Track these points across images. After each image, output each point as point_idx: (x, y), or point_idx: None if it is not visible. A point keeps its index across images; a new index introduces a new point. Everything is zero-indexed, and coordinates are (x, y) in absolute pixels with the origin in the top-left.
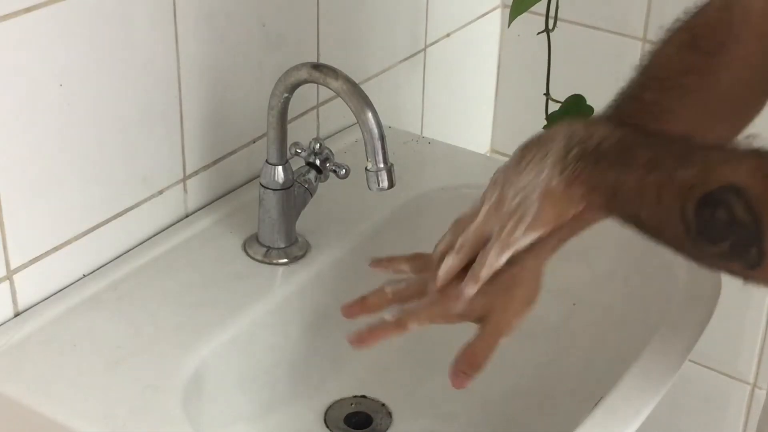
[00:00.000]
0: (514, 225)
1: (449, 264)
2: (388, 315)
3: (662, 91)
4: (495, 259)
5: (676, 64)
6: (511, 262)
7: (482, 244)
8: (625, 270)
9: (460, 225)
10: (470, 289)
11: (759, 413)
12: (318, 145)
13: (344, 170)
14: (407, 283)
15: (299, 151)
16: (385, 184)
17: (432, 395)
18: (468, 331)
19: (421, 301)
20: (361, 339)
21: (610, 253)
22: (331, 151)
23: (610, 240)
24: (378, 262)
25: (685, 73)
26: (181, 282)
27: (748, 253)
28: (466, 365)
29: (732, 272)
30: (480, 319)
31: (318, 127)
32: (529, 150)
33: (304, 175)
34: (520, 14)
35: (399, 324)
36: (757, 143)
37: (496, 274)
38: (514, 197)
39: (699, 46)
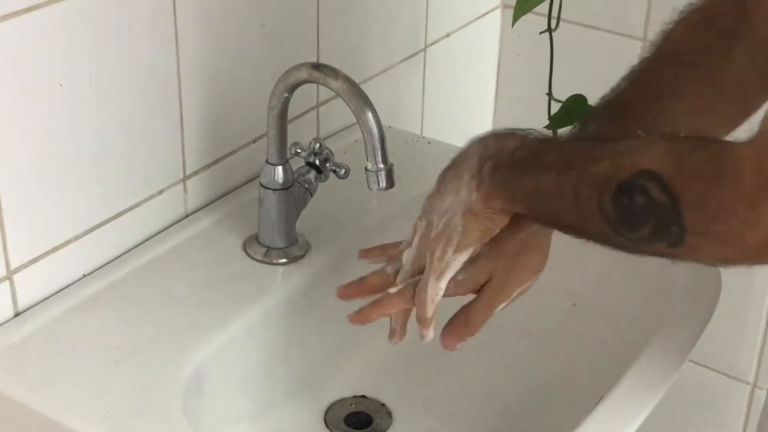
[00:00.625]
0: (443, 249)
1: (393, 303)
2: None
3: (679, 66)
4: (434, 291)
5: (691, 42)
6: (518, 229)
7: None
8: (624, 270)
9: (393, 253)
10: (429, 334)
11: (759, 413)
12: (318, 145)
13: (344, 170)
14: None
15: (299, 151)
16: (385, 184)
17: (432, 395)
18: None
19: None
20: (362, 314)
21: (610, 252)
22: (331, 151)
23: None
24: (367, 252)
25: (701, 50)
26: (181, 282)
27: (670, 232)
28: (460, 326)
29: (658, 254)
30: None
31: (318, 127)
32: (447, 172)
33: (304, 175)
34: (524, 14)
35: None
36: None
37: (502, 242)
38: (439, 222)
39: (713, 25)
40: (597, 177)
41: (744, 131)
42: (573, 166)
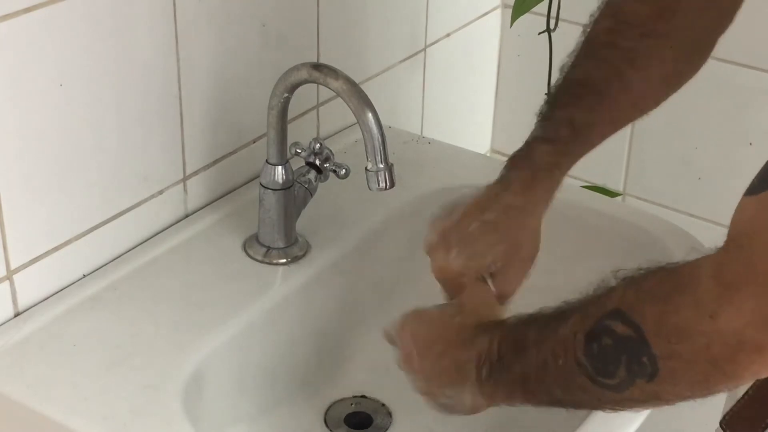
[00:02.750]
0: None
1: None
2: None
3: (636, 40)
4: None
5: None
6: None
7: None
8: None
9: None
10: None
11: None
12: (318, 145)
13: (344, 170)
14: None
15: (299, 151)
16: (385, 184)
17: None
18: None
19: None
20: None
21: (611, 252)
22: (331, 151)
23: (610, 240)
24: None
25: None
26: (181, 282)
27: (642, 364)
28: None
29: (645, 399)
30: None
31: (318, 127)
32: (447, 374)
33: (304, 175)
34: (522, 14)
35: None
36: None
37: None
38: (443, 406)
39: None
40: (567, 336)
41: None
42: (547, 337)
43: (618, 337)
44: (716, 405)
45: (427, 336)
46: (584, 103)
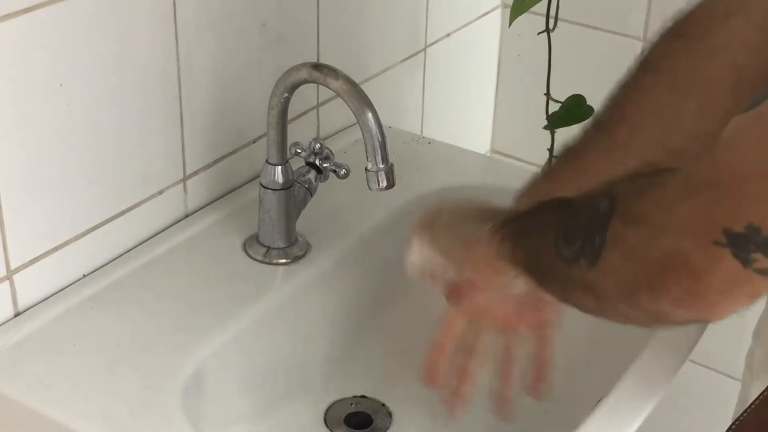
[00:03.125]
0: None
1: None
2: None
3: (642, 73)
4: None
5: (659, 50)
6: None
7: None
8: None
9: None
10: None
11: None
12: (318, 145)
13: (344, 170)
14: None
15: (299, 151)
16: (385, 184)
17: (432, 395)
18: None
19: None
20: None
21: None
22: (331, 151)
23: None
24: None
25: (665, 56)
26: (181, 282)
27: (592, 246)
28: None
29: (582, 290)
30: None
31: (318, 127)
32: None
33: (304, 175)
34: (521, 14)
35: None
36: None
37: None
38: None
39: (684, 32)
40: (558, 223)
41: None
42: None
43: (595, 211)
44: (724, 416)
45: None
46: (584, 133)
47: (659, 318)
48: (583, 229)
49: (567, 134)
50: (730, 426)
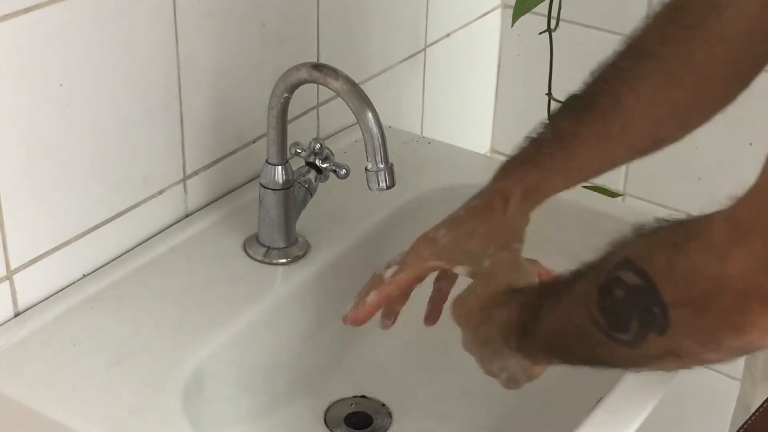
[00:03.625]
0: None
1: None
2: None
3: (636, 59)
4: None
5: (654, 34)
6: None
7: None
8: None
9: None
10: None
11: None
12: (318, 145)
13: (344, 170)
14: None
15: (299, 151)
16: (385, 184)
17: (432, 395)
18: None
19: None
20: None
21: None
22: (331, 151)
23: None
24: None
25: (660, 43)
26: (181, 282)
27: (654, 315)
28: None
29: (659, 355)
30: None
31: (318, 127)
32: (487, 347)
33: (304, 175)
34: (523, 14)
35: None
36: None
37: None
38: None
39: (677, 18)
40: (581, 293)
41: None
42: (562, 298)
43: (629, 287)
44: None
45: (463, 313)
46: (574, 114)
47: (750, 347)
48: (626, 308)
49: None
50: (740, 428)
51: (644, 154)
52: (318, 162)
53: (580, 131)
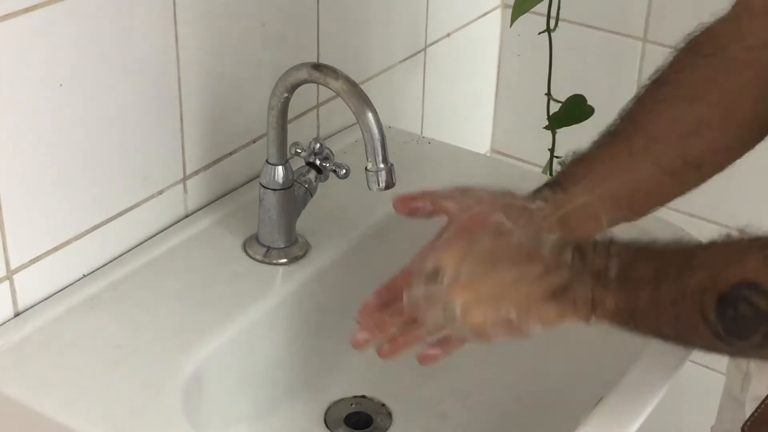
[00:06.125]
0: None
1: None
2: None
3: (656, 88)
4: None
5: (672, 66)
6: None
7: None
8: None
9: None
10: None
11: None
12: (318, 145)
13: (344, 170)
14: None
15: (299, 151)
16: (385, 184)
17: (432, 395)
18: None
19: None
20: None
21: None
22: (331, 151)
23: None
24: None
25: (679, 70)
26: (181, 282)
27: None
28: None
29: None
30: None
31: (318, 127)
32: (510, 290)
33: (304, 175)
34: (522, 14)
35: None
36: (752, 233)
37: None
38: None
39: (696, 50)
40: (695, 290)
41: None
42: (666, 279)
43: (758, 310)
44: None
45: (483, 254)
46: (598, 142)
47: None
48: (752, 324)
49: (568, 134)
50: (744, 424)
51: (675, 176)
52: (318, 162)
53: (603, 153)
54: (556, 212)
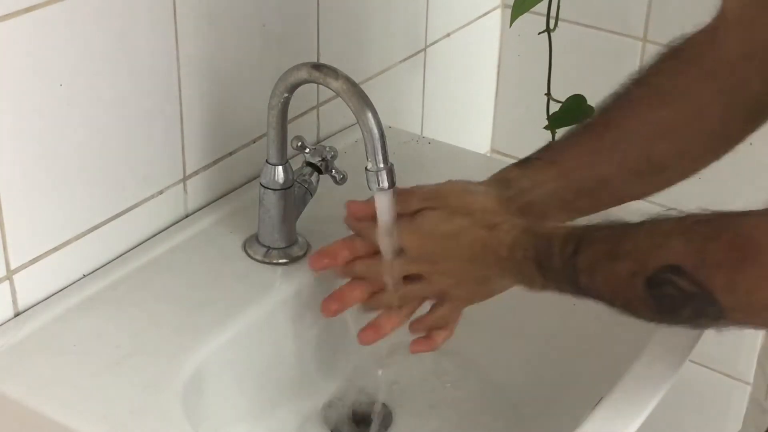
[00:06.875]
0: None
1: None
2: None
3: (634, 87)
4: None
5: (652, 69)
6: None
7: None
8: None
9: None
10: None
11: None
12: (325, 148)
13: (342, 176)
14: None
15: (301, 143)
16: (385, 184)
17: (432, 395)
18: (470, 334)
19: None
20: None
21: None
22: (336, 153)
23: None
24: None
25: (657, 73)
26: (181, 282)
27: (708, 313)
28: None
29: (705, 327)
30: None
31: (318, 127)
32: (474, 254)
33: (304, 175)
34: (522, 14)
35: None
36: (678, 214)
37: None
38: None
39: (677, 55)
40: (625, 274)
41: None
42: (599, 265)
43: (683, 291)
44: (723, 416)
45: (449, 225)
46: (570, 134)
47: None
48: (679, 302)
49: None
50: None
51: (640, 176)
52: (319, 164)
53: (572, 145)
54: (521, 197)
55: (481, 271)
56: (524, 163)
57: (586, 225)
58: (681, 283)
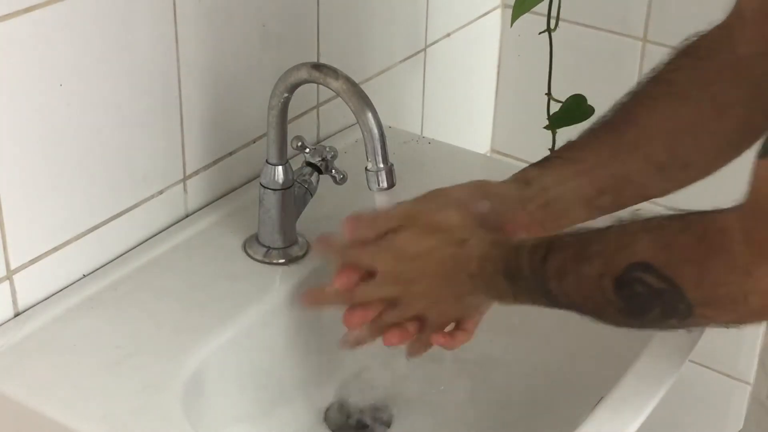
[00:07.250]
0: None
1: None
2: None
3: (652, 85)
4: None
5: (668, 66)
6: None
7: None
8: None
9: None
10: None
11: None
12: (326, 148)
13: (341, 176)
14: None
15: (301, 143)
16: (385, 184)
17: (432, 395)
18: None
19: None
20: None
21: None
22: (336, 153)
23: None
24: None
25: (675, 70)
26: (181, 282)
27: (678, 309)
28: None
29: (671, 328)
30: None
31: (318, 127)
32: (445, 273)
33: (304, 175)
34: (522, 14)
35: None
36: (644, 215)
37: None
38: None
39: (692, 52)
40: (594, 276)
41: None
42: (567, 270)
43: (652, 288)
44: (723, 416)
45: (419, 245)
46: (589, 131)
47: None
48: (648, 302)
49: (568, 134)
50: None
51: (663, 172)
52: (320, 164)
53: (592, 142)
54: (542, 195)
55: (455, 289)
56: (544, 162)
57: (556, 233)
58: (650, 279)
